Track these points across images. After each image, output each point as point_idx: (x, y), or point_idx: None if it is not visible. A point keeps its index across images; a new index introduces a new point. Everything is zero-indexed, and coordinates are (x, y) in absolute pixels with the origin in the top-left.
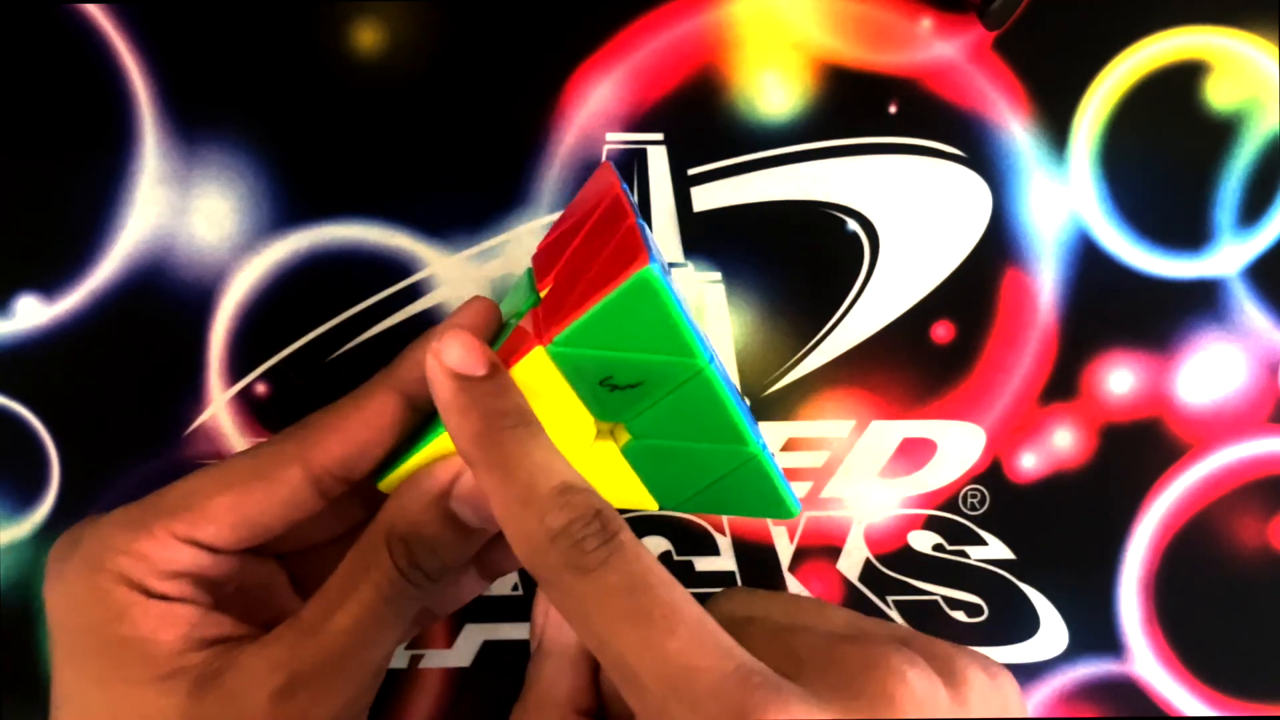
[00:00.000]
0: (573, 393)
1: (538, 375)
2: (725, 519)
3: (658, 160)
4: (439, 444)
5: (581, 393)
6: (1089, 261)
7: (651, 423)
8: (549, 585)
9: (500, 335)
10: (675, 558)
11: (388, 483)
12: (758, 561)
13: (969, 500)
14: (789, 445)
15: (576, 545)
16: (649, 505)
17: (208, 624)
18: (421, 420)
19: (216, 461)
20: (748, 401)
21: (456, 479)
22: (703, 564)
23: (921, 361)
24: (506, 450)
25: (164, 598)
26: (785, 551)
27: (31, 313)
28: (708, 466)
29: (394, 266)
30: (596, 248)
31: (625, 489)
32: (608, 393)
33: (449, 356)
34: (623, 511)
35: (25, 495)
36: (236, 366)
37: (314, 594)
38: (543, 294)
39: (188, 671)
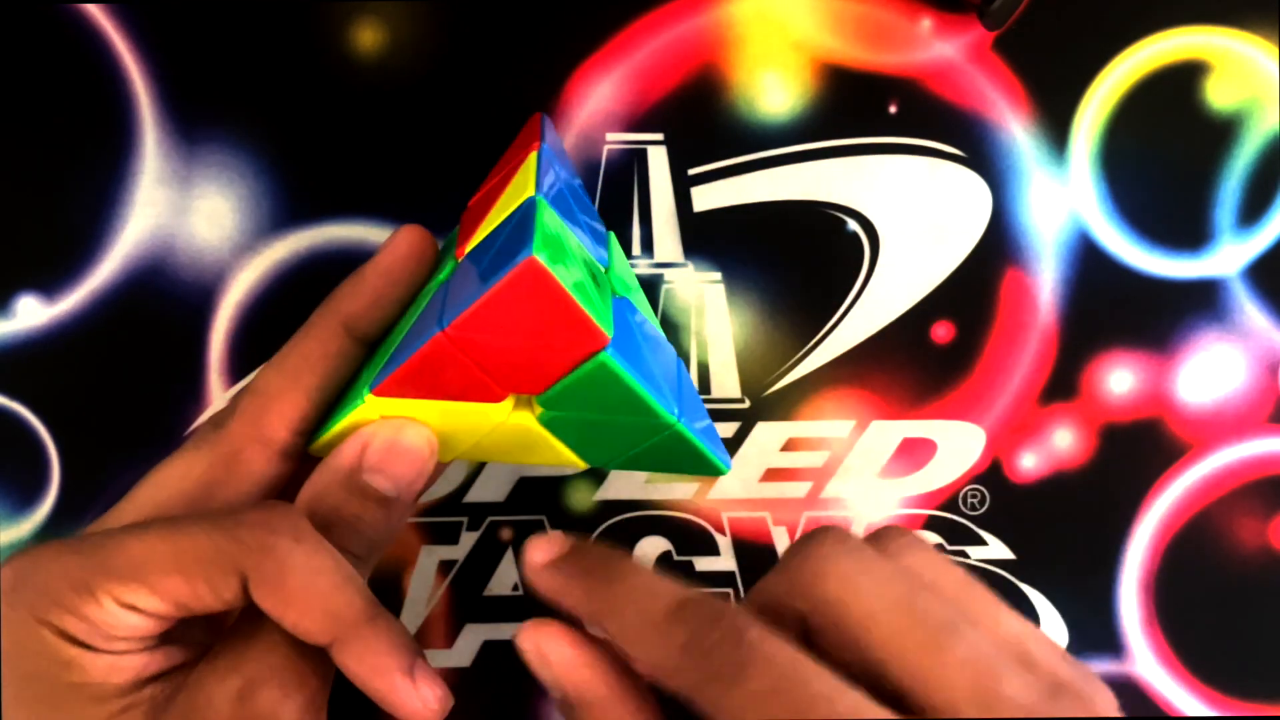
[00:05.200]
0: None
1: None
2: (725, 517)
3: (658, 160)
4: (362, 411)
5: None
6: (1089, 261)
7: (560, 399)
8: (698, 700)
9: (426, 293)
10: (675, 558)
11: (318, 447)
12: (758, 561)
13: (969, 500)
14: (789, 445)
15: (707, 656)
16: (577, 465)
17: (157, 660)
18: (359, 360)
19: (167, 518)
20: (691, 373)
21: (365, 451)
22: (703, 564)
23: (921, 361)
24: (613, 593)
25: (111, 652)
26: None
27: (31, 313)
28: (628, 437)
29: None
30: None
31: (551, 453)
32: None
33: (536, 557)
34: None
35: (25, 495)
36: (236, 366)
37: None
38: (460, 261)
39: (142, 703)
